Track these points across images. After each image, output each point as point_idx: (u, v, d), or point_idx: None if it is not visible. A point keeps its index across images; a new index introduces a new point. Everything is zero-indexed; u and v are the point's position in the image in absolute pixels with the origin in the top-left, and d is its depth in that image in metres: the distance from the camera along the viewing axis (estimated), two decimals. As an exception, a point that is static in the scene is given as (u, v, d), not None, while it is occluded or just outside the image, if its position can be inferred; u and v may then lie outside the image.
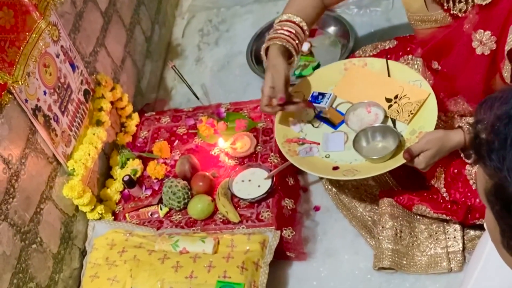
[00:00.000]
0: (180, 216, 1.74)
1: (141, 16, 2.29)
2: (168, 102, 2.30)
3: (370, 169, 1.54)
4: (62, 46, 1.64)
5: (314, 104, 1.72)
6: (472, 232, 1.63)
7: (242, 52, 2.36)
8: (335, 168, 1.59)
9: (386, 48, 1.90)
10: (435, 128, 1.54)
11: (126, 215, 1.76)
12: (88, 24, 1.86)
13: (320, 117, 1.72)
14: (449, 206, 1.58)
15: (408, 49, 1.81)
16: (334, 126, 1.69)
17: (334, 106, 1.73)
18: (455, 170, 1.58)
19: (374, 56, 1.89)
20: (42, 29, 1.51)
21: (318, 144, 1.66)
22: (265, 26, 2.39)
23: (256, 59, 2.31)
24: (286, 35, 1.62)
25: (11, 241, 1.40)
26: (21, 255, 1.44)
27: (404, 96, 1.65)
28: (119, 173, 1.85)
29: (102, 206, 1.72)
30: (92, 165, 1.71)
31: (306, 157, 1.63)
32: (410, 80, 1.67)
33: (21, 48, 1.44)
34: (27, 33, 1.46)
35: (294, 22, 1.64)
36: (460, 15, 1.46)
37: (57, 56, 1.61)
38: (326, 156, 1.63)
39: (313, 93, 1.74)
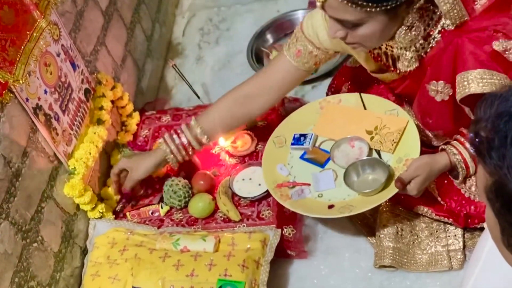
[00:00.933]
0: (181, 214, 1.74)
1: (142, 15, 2.29)
2: (168, 101, 2.30)
3: (365, 203, 1.54)
4: (62, 45, 1.64)
5: (298, 146, 1.71)
6: (473, 231, 1.63)
7: (242, 51, 2.36)
8: (331, 206, 1.58)
9: None
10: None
11: (127, 213, 1.76)
12: (89, 23, 1.86)
13: (305, 158, 1.71)
14: (451, 210, 1.58)
15: None
16: (320, 165, 1.68)
17: (317, 145, 1.72)
18: (446, 181, 1.58)
19: None
20: (43, 28, 1.52)
21: (309, 184, 1.64)
22: (266, 25, 2.39)
23: (256, 58, 2.31)
24: (177, 148, 1.69)
25: (12, 240, 1.40)
26: (22, 254, 1.44)
27: (384, 126, 1.65)
28: (120, 172, 1.85)
29: (103, 204, 1.72)
30: (93, 164, 1.71)
31: (299, 200, 1.62)
32: (387, 110, 1.67)
33: (22, 47, 1.44)
34: (27, 32, 1.47)
35: (197, 138, 1.69)
36: (408, 70, 1.47)
37: (58, 55, 1.61)
38: (319, 196, 1.62)
39: (294, 136, 1.73)
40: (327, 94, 1.92)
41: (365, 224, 1.71)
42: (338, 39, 1.44)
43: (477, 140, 0.76)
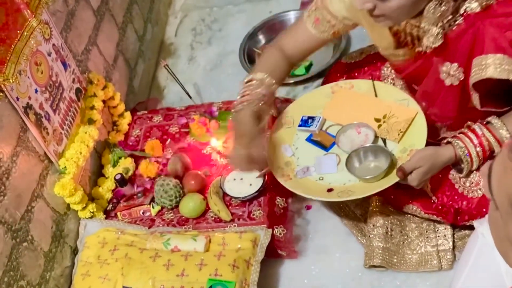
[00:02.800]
0: (171, 214, 1.74)
1: (134, 15, 2.29)
2: (160, 101, 2.30)
3: (364, 189, 1.54)
4: (53, 45, 1.63)
5: (304, 128, 1.73)
6: (462, 231, 1.64)
7: (234, 51, 2.37)
8: (330, 190, 1.58)
9: (372, 53, 1.90)
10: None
11: (118, 213, 1.76)
12: (80, 23, 1.86)
13: (311, 141, 1.72)
14: (440, 207, 1.59)
15: None
16: (325, 148, 1.69)
17: (324, 129, 1.73)
18: (440, 175, 1.59)
19: (360, 61, 1.89)
20: (34, 27, 1.51)
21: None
22: (258, 25, 2.40)
23: (248, 58, 2.31)
24: (260, 97, 1.62)
25: (2, 239, 1.40)
26: (12, 253, 1.44)
27: (393, 115, 1.65)
28: (111, 172, 1.85)
29: (93, 204, 1.72)
30: (84, 163, 1.71)
31: (300, 180, 1.63)
32: (397, 99, 1.67)
33: (13, 46, 1.44)
34: (18, 31, 1.46)
35: (266, 84, 1.64)
36: (427, 51, 1.47)
37: (49, 54, 1.61)
38: (320, 179, 1.62)
39: (302, 117, 1.75)
40: None
41: (355, 224, 1.72)
42: (354, 9, 1.43)
43: None
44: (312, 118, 1.74)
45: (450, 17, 1.39)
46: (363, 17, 1.52)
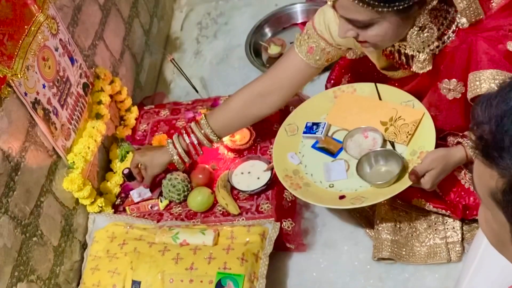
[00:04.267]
0: (180, 208, 1.74)
1: (140, 9, 2.29)
2: (167, 95, 2.30)
3: (377, 195, 1.51)
4: (60, 40, 1.64)
5: (310, 135, 1.70)
6: (471, 224, 1.64)
7: (240, 45, 2.36)
8: (342, 197, 1.56)
9: None
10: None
11: (126, 208, 1.77)
12: (87, 18, 1.86)
13: (317, 147, 1.69)
14: (449, 202, 1.59)
15: None
16: (332, 154, 1.66)
17: (329, 134, 1.70)
18: None
19: (365, 57, 1.88)
20: (41, 22, 1.52)
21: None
22: (264, 18, 2.39)
23: (255, 52, 2.31)
24: (186, 148, 1.71)
25: (12, 234, 1.41)
26: (22, 248, 1.44)
27: (399, 117, 1.62)
28: (119, 166, 1.86)
29: (102, 199, 1.72)
30: (92, 158, 1.71)
31: (310, 189, 1.59)
32: (402, 101, 1.64)
33: (20, 42, 1.44)
34: (25, 27, 1.46)
35: (207, 137, 1.70)
36: (421, 71, 1.46)
37: (56, 49, 1.61)
38: (330, 186, 1.60)
39: (306, 124, 1.71)
40: (326, 87, 1.91)
41: (363, 217, 1.72)
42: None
43: (482, 143, 0.72)
44: (317, 124, 1.70)
45: (436, 43, 1.39)
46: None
